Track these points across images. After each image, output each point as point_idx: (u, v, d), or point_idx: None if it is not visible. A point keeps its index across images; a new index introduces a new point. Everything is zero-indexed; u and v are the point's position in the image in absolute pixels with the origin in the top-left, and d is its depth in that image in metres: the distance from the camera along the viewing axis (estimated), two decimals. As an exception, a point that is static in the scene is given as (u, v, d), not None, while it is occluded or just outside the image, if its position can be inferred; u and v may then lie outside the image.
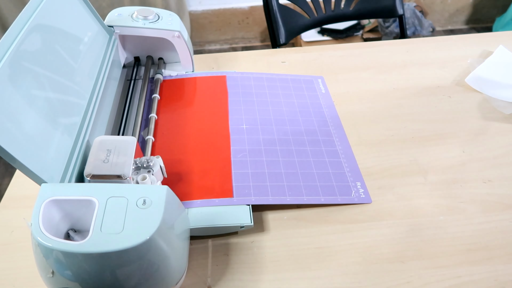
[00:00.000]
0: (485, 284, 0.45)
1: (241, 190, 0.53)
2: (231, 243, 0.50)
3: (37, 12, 0.47)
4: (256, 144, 0.60)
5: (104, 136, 0.47)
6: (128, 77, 0.71)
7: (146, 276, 0.38)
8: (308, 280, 0.46)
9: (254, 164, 0.57)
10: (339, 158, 0.59)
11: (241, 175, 0.55)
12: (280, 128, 0.63)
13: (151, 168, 0.48)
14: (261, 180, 0.55)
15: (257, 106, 0.67)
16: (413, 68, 0.77)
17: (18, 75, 0.41)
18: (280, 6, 1.02)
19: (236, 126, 0.62)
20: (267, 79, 0.73)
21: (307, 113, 0.66)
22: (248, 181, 0.54)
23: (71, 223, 0.42)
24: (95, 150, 0.45)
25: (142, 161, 0.48)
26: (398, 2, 1.08)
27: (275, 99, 0.69)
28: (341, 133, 0.63)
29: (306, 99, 0.69)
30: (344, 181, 0.56)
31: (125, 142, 0.46)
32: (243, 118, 0.64)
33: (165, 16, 0.68)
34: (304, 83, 0.73)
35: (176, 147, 0.59)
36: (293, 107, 0.67)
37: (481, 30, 2.18)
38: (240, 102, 0.67)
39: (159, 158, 0.49)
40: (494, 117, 0.66)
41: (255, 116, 0.65)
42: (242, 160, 0.57)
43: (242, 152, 0.58)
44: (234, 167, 0.56)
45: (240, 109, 0.66)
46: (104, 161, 0.44)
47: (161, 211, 0.38)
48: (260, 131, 0.62)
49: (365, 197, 0.54)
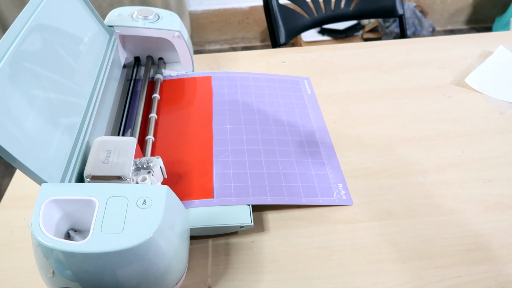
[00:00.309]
0: (485, 284, 0.45)
1: (222, 190, 0.53)
2: (231, 243, 0.50)
3: (37, 12, 0.47)
4: (239, 144, 0.60)
5: (104, 137, 0.47)
6: (128, 77, 0.71)
7: (146, 276, 0.38)
8: (308, 280, 0.46)
9: (236, 164, 0.56)
10: (322, 160, 0.59)
11: (223, 176, 0.55)
12: (264, 128, 0.63)
13: (151, 169, 0.48)
14: (243, 180, 0.54)
15: (241, 106, 0.66)
16: (413, 68, 0.77)
17: (18, 75, 0.41)
18: (280, 6, 1.02)
19: (220, 126, 0.62)
20: (253, 79, 0.72)
21: (292, 114, 0.66)
22: (229, 182, 0.54)
23: (71, 223, 0.42)
24: (95, 150, 0.45)
25: (142, 161, 0.48)
26: (398, 2, 1.08)
27: (260, 99, 0.68)
28: (325, 135, 0.63)
29: (292, 100, 0.69)
30: (326, 182, 0.55)
31: (125, 143, 0.46)
32: (227, 118, 0.64)
33: (165, 16, 0.68)
34: (290, 84, 0.73)
35: (176, 147, 0.59)
36: (278, 107, 0.67)
37: (481, 30, 2.18)
38: (224, 103, 0.67)
39: (159, 159, 0.49)
40: (494, 117, 0.66)
41: (239, 116, 0.64)
42: (224, 161, 0.57)
43: (224, 152, 0.58)
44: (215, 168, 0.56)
45: (224, 110, 0.65)
46: (104, 162, 0.44)
47: (161, 211, 0.38)
48: (243, 131, 0.62)
49: (346, 199, 0.54)
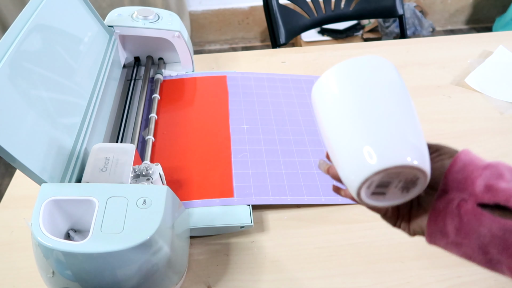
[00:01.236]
0: (485, 284, 0.45)
1: (242, 190, 0.53)
2: (231, 243, 0.50)
3: (37, 12, 0.47)
4: (256, 144, 0.60)
5: (102, 144, 0.46)
6: (128, 77, 0.71)
7: (146, 276, 0.38)
8: (308, 280, 0.46)
9: (254, 164, 0.57)
10: None
11: (242, 175, 0.55)
12: (280, 128, 0.63)
13: (150, 176, 0.47)
14: (261, 180, 0.55)
15: (257, 106, 0.67)
16: (413, 68, 0.77)
17: (18, 75, 0.41)
18: (280, 6, 1.02)
19: (236, 126, 0.62)
20: (268, 79, 0.73)
21: (307, 113, 0.66)
22: (248, 181, 0.54)
23: (71, 223, 0.42)
24: (92, 159, 0.44)
25: (141, 168, 0.47)
26: (398, 2, 1.08)
27: (275, 99, 0.69)
28: None
29: (306, 99, 0.69)
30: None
31: (124, 150, 0.45)
32: (243, 118, 0.64)
33: (165, 16, 0.67)
34: (304, 83, 0.73)
35: (176, 146, 0.59)
36: (294, 107, 0.67)
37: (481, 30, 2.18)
38: (240, 102, 0.67)
39: (158, 166, 0.48)
40: (494, 117, 0.66)
41: (256, 116, 0.65)
42: (243, 160, 0.57)
43: (242, 152, 0.58)
44: (234, 167, 0.56)
45: (240, 109, 0.66)
46: (102, 170, 0.43)
47: (161, 211, 0.38)
48: (260, 131, 0.62)
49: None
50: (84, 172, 0.43)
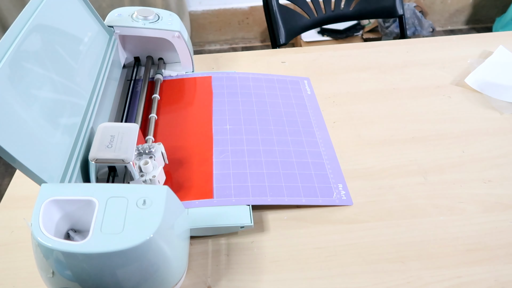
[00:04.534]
0: (485, 284, 0.45)
1: (222, 191, 0.53)
2: (231, 243, 0.50)
3: (37, 12, 0.47)
4: (239, 144, 0.60)
5: (108, 123, 0.49)
6: (128, 77, 0.71)
7: (146, 277, 0.38)
8: (308, 280, 0.46)
9: (236, 165, 0.56)
10: (321, 160, 0.59)
11: (223, 176, 0.55)
12: (264, 128, 0.62)
13: (153, 154, 0.50)
14: (242, 181, 0.54)
15: (241, 106, 0.66)
16: (413, 68, 0.77)
17: (18, 75, 0.41)
18: (280, 6, 1.02)
19: (219, 126, 0.62)
20: (253, 79, 0.72)
21: (291, 114, 0.66)
22: (229, 182, 0.54)
23: (71, 223, 0.42)
24: (99, 136, 0.47)
25: (144, 147, 0.50)
26: (398, 2, 1.08)
27: (260, 99, 0.68)
28: (325, 134, 0.63)
29: (292, 100, 0.69)
30: (326, 183, 0.55)
31: (128, 129, 0.48)
32: (227, 118, 0.64)
33: (165, 16, 0.68)
34: (290, 84, 0.73)
35: (176, 146, 0.59)
36: (278, 108, 0.67)
37: (481, 30, 2.18)
38: (224, 103, 0.67)
39: (161, 145, 0.51)
40: (494, 117, 0.66)
41: (239, 116, 0.64)
42: (224, 161, 0.57)
43: (224, 153, 0.58)
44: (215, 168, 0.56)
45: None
46: (108, 146, 0.46)
47: (161, 211, 0.38)
48: (243, 131, 0.62)
49: (346, 199, 0.54)
50: (91, 149, 0.46)
